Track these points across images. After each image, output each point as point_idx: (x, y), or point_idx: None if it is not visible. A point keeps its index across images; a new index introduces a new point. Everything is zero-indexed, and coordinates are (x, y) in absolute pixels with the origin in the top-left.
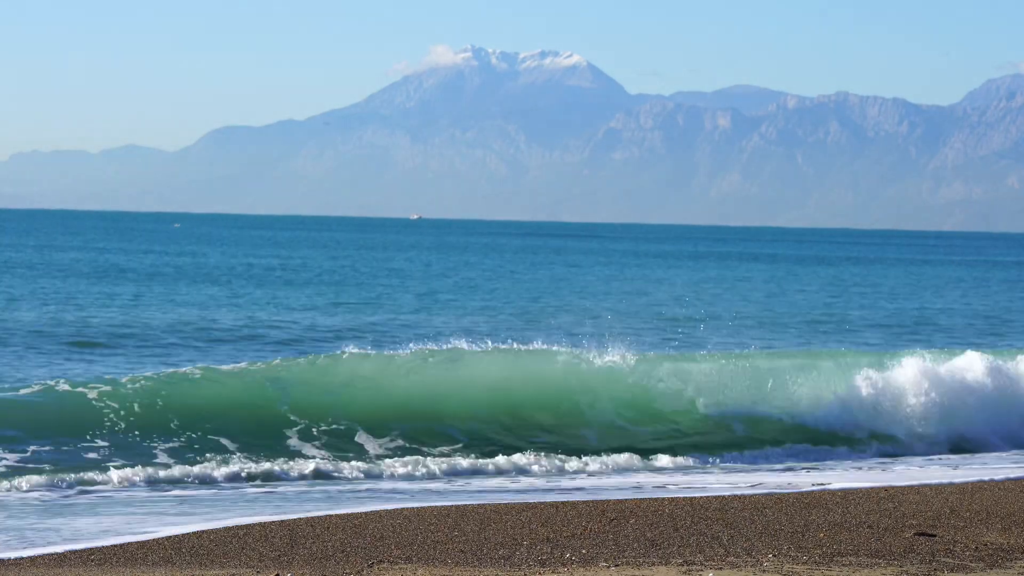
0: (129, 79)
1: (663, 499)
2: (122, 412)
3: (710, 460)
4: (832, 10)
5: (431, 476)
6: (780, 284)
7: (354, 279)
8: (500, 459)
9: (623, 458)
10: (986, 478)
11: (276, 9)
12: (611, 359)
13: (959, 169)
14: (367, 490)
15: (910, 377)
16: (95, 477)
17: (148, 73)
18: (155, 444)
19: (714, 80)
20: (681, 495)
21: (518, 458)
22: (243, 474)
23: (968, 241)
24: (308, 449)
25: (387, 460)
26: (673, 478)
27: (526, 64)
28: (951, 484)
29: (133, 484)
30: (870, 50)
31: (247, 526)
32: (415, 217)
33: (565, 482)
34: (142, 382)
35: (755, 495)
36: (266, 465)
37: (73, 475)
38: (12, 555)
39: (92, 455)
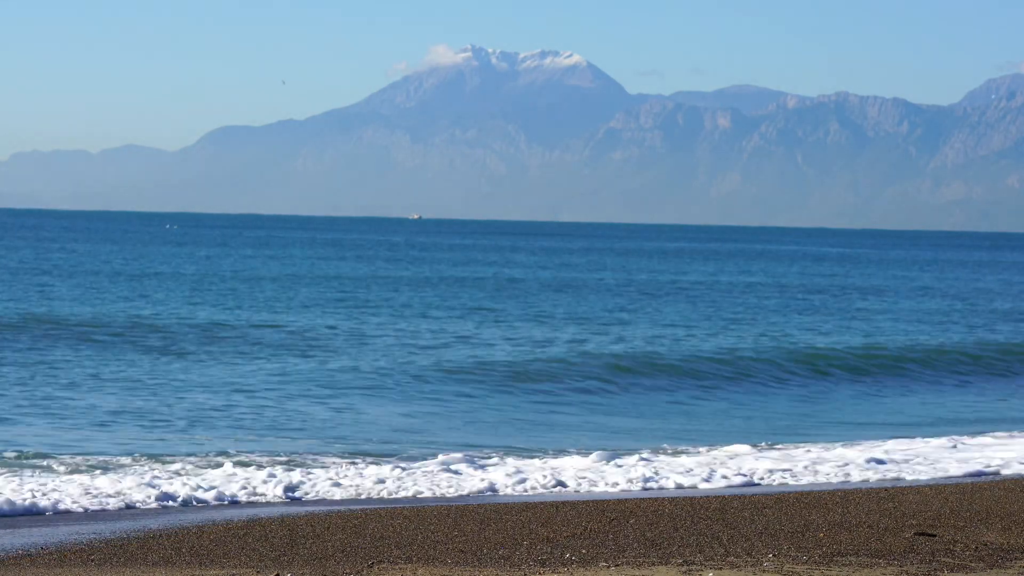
0: (129, 79)
1: (663, 499)
2: None
3: None
4: (832, 10)
5: None
6: None
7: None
8: None
9: None
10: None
11: (276, 9)
12: None
13: (959, 169)
14: None
15: None
16: None
17: (148, 73)
18: None
19: (714, 80)
20: (681, 495)
21: None
22: None
23: (960, 239)
24: None
25: None
26: None
27: (526, 64)
28: (951, 484)
29: None
30: (870, 50)
31: (247, 525)
32: (415, 217)
33: None
34: None
35: (755, 495)
36: None
37: None
38: None
39: None
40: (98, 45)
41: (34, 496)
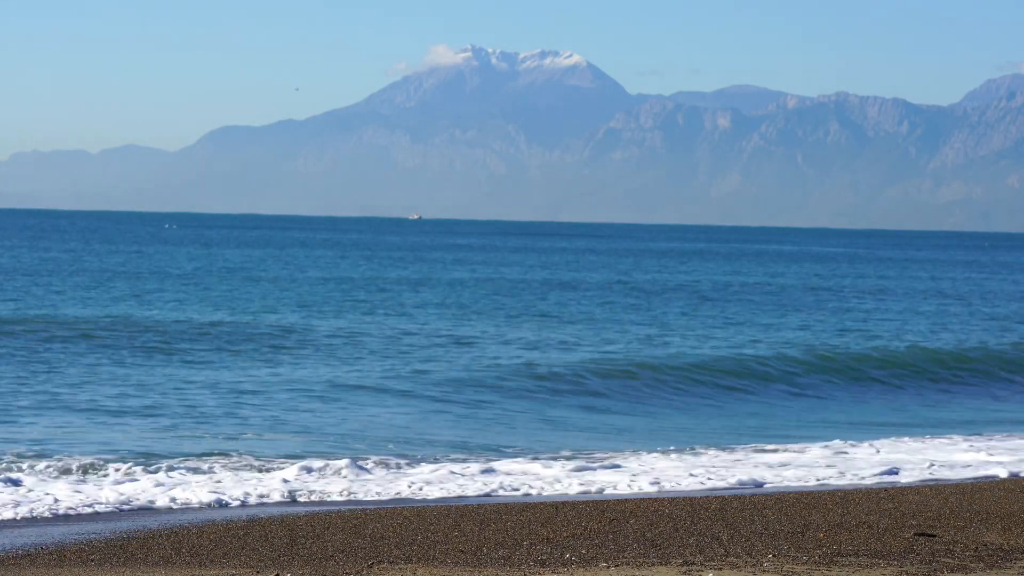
0: (129, 79)
1: (663, 499)
2: None
3: None
4: (832, 10)
5: None
6: None
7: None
8: None
9: None
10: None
11: (277, 9)
12: None
13: (959, 169)
14: None
15: None
16: None
17: (148, 73)
18: None
19: (714, 80)
20: (681, 495)
21: None
22: None
23: (962, 240)
24: None
25: None
26: None
27: (526, 64)
28: (951, 484)
29: None
30: (870, 50)
31: (247, 525)
32: (415, 217)
33: None
34: None
35: (755, 495)
36: None
37: None
38: None
39: None
40: (98, 45)
41: (30, 501)
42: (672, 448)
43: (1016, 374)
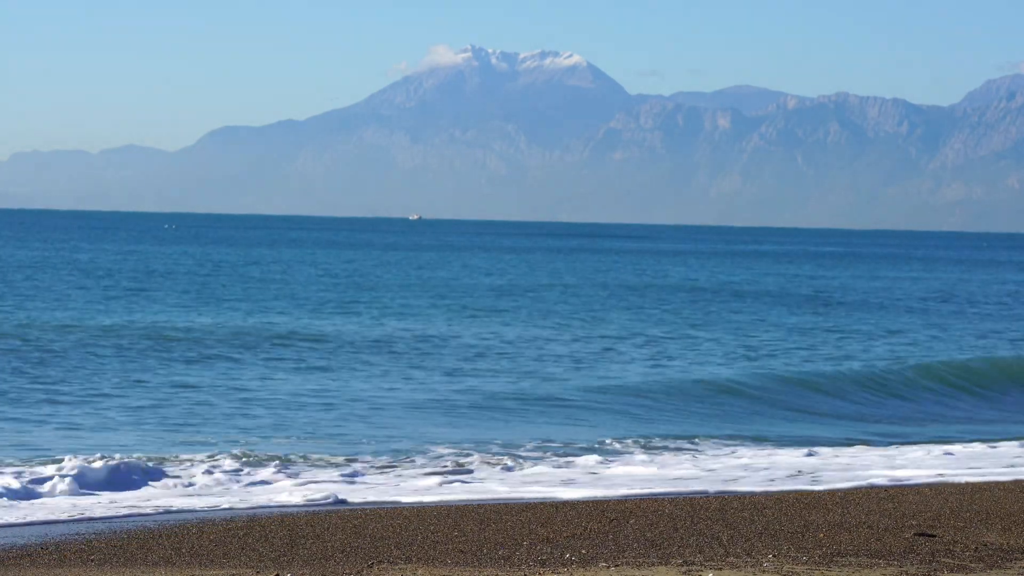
0: (129, 79)
1: (663, 499)
2: None
3: None
4: (832, 10)
5: None
6: None
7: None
8: None
9: None
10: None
11: (276, 9)
12: None
13: (959, 169)
14: None
15: None
16: None
17: (148, 73)
18: None
19: (714, 80)
20: (681, 495)
21: None
22: None
23: (955, 240)
24: None
25: None
26: None
27: (526, 64)
28: (951, 484)
29: None
30: (870, 50)
31: (247, 525)
32: (415, 217)
33: None
34: None
35: (755, 495)
36: None
37: None
38: None
39: None
40: (99, 45)
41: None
42: None
43: None
